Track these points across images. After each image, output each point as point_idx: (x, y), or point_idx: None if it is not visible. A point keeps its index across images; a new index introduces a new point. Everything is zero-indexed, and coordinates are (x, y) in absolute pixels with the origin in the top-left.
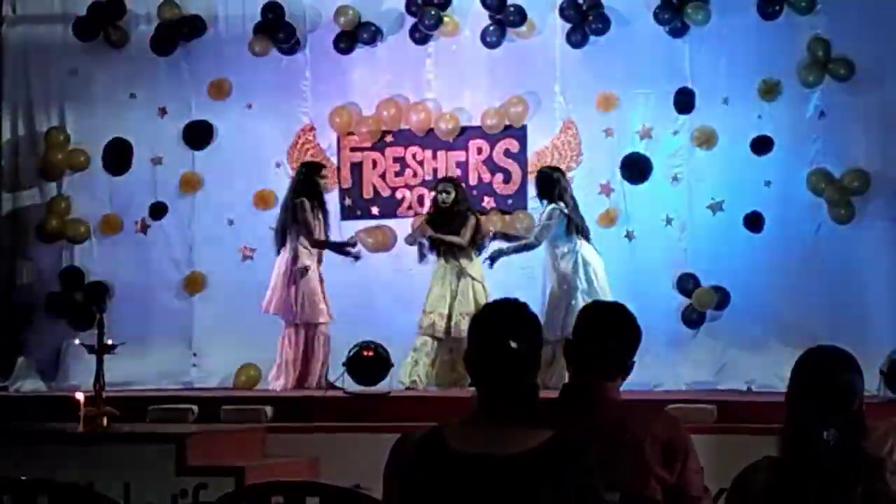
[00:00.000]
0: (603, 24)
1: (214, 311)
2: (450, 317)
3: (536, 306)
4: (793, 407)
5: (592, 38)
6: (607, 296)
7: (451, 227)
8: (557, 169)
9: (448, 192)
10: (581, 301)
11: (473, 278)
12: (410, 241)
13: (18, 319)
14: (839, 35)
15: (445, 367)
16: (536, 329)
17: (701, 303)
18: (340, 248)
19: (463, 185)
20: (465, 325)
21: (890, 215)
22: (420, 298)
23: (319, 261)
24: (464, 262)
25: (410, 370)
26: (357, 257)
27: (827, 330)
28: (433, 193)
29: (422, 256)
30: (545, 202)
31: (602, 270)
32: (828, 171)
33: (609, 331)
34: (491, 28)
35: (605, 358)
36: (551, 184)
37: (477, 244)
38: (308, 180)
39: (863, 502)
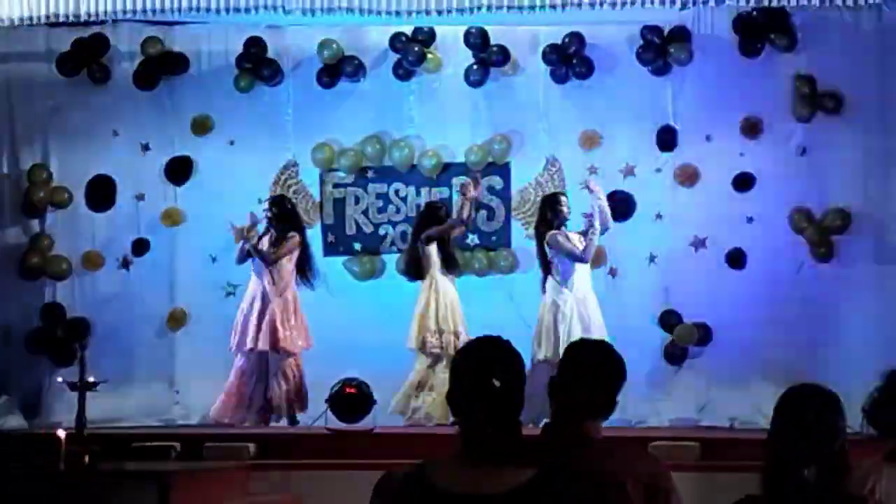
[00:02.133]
0: (586, 68)
1: (197, 348)
2: (456, 334)
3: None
4: (775, 445)
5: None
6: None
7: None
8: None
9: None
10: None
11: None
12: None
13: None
14: (821, 72)
15: None
16: (520, 366)
17: (682, 339)
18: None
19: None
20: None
21: (871, 253)
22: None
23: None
24: (454, 280)
25: (431, 404)
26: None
27: (809, 367)
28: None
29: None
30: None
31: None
32: (809, 209)
33: (596, 370)
34: (474, 67)
35: (590, 397)
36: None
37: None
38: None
39: None
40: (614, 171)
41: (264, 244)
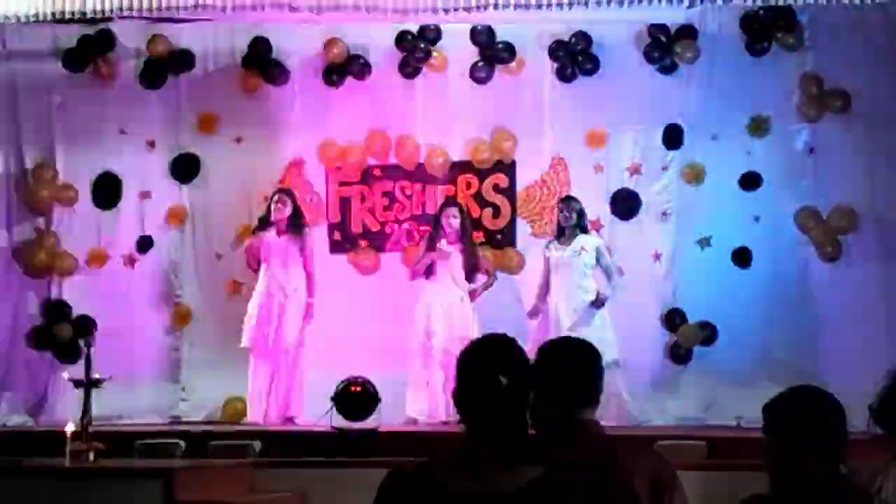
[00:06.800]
0: (592, 65)
1: (202, 345)
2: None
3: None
4: (778, 445)
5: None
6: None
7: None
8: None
9: (455, 217)
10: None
11: (467, 303)
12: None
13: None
14: (828, 71)
15: None
16: (526, 365)
17: (686, 339)
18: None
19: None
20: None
21: (876, 252)
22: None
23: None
24: (464, 286)
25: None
26: None
27: (815, 366)
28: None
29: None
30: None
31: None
32: (815, 209)
33: (566, 357)
34: (480, 64)
35: (572, 385)
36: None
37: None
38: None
39: None
40: (620, 169)
41: (273, 236)
